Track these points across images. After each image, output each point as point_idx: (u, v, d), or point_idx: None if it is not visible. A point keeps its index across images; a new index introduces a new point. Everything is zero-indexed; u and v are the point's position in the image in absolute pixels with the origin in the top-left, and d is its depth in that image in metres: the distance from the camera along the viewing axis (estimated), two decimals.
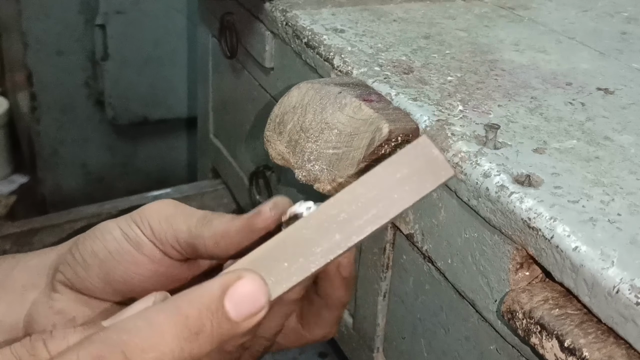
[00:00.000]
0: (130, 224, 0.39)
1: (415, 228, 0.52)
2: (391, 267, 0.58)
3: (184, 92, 1.38)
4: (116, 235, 0.39)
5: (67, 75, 1.31)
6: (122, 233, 0.39)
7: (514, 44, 0.67)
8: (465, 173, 0.46)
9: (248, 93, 0.83)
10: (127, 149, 1.42)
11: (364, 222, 0.32)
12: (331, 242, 0.31)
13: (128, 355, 0.27)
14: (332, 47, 0.62)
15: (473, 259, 0.47)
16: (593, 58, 0.65)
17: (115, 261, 0.39)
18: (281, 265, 0.31)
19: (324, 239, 0.31)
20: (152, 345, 0.27)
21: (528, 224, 0.41)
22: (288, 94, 0.51)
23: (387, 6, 0.74)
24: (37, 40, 1.27)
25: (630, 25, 0.75)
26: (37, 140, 1.35)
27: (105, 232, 0.40)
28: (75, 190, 1.41)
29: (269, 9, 0.72)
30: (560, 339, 0.37)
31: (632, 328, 0.35)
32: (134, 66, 1.32)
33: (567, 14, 0.77)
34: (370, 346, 0.62)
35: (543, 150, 0.47)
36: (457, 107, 0.52)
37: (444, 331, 0.52)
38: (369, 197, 0.32)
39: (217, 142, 0.98)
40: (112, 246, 0.39)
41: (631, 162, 0.47)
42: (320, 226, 0.31)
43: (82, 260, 0.40)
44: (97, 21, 1.27)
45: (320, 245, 0.31)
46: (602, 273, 0.37)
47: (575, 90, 0.58)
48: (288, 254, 0.31)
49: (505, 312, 0.42)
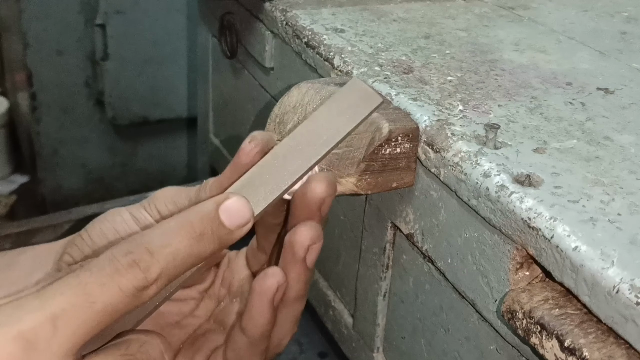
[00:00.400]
0: (139, 208, 0.42)
1: (415, 228, 0.52)
2: (391, 267, 0.58)
3: (184, 92, 1.38)
4: (125, 218, 0.42)
5: (67, 75, 1.31)
6: (131, 216, 0.42)
7: (514, 43, 0.67)
8: (465, 173, 0.46)
9: (248, 93, 0.83)
10: (127, 149, 1.42)
11: (318, 147, 0.40)
12: (294, 165, 0.40)
13: (150, 250, 0.33)
14: (332, 47, 0.62)
15: (473, 258, 0.47)
16: (593, 58, 0.65)
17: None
18: (258, 189, 0.39)
19: (288, 164, 0.40)
20: (168, 242, 0.34)
21: (528, 224, 0.41)
22: (288, 94, 0.51)
23: (387, 6, 0.74)
24: (37, 40, 1.26)
25: (630, 25, 0.75)
26: (37, 140, 1.35)
27: (115, 215, 0.42)
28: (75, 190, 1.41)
29: (269, 9, 0.72)
30: (560, 338, 0.37)
31: (632, 328, 0.35)
32: (134, 66, 1.32)
33: (567, 14, 0.77)
34: (370, 346, 0.62)
35: (543, 150, 0.47)
36: (457, 107, 0.52)
37: (444, 331, 0.52)
38: (318, 128, 0.41)
39: (217, 142, 0.98)
40: (121, 227, 0.41)
41: (631, 162, 0.47)
42: (284, 155, 0.40)
43: (90, 240, 0.41)
44: (97, 21, 1.27)
45: (286, 169, 0.39)
46: (602, 273, 0.37)
47: (575, 90, 0.58)
48: (262, 180, 0.39)
49: (505, 312, 0.42)
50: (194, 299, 0.47)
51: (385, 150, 0.48)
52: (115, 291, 0.32)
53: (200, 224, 0.35)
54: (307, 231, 0.40)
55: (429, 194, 0.50)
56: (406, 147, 0.49)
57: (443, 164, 0.48)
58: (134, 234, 0.41)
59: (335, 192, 0.42)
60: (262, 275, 0.40)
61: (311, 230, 0.40)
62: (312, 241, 0.40)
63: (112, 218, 0.42)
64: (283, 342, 0.44)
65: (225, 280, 0.47)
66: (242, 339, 0.41)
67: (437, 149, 0.48)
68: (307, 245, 0.40)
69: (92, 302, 0.31)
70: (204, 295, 0.47)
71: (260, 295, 0.40)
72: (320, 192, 0.40)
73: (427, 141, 0.49)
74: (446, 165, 0.47)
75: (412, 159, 0.50)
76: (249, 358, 0.42)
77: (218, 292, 0.47)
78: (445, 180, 0.48)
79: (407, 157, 0.49)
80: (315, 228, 0.40)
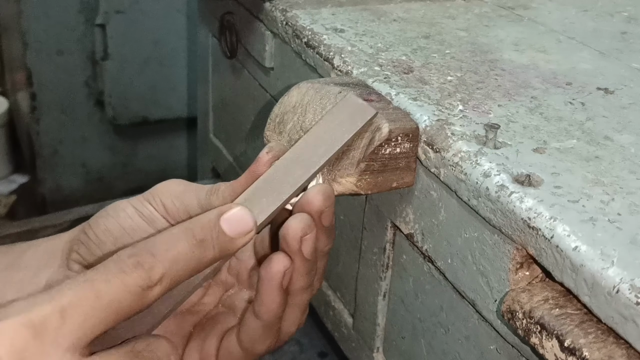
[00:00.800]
0: (143, 202, 0.43)
1: (415, 228, 0.52)
2: (391, 267, 0.58)
3: (184, 92, 1.38)
4: (130, 213, 0.42)
5: (67, 75, 1.31)
6: (136, 210, 0.42)
7: (514, 43, 0.67)
8: (465, 173, 0.46)
9: (248, 93, 0.83)
10: (127, 148, 1.42)
11: (316, 158, 0.42)
12: (295, 176, 0.41)
13: (154, 254, 0.35)
14: (332, 46, 0.62)
15: (473, 258, 0.47)
16: (593, 58, 0.65)
17: (129, 237, 0.42)
18: (261, 200, 0.41)
19: (289, 176, 0.41)
20: (171, 247, 0.36)
21: (528, 224, 0.41)
22: (288, 94, 0.51)
23: (387, 6, 0.74)
24: (37, 40, 1.27)
25: (630, 25, 0.75)
26: (37, 140, 1.35)
27: (118, 210, 0.42)
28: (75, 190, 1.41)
29: (269, 9, 0.72)
30: (560, 338, 0.37)
31: (632, 328, 0.35)
32: (134, 66, 1.32)
33: (567, 14, 0.77)
34: (370, 346, 0.62)
35: (543, 150, 0.47)
36: (457, 107, 0.52)
37: (444, 331, 0.52)
38: (317, 141, 0.43)
39: (217, 142, 0.98)
40: (126, 223, 0.42)
41: (631, 162, 0.47)
42: (285, 168, 0.42)
43: (96, 238, 0.42)
44: (97, 21, 1.27)
45: (287, 181, 0.41)
46: (602, 273, 0.37)
47: (575, 90, 0.58)
48: (265, 192, 0.41)
49: (505, 312, 0.42)
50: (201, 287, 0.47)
51: (385, 150, 0.48)
52: (121, 288, 0.33)
53: (201, 231, 0.37)
54: (296, 223, 0.41)
55: (429, 193, 0.50)
56: (406, 147, 0.49)
57: (443, 163, 0.48)
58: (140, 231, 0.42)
59: (333, 204, 0.42)
60: (267, 262, 0.41)
61: (301, 222, 0.41)
62: (304, 232, 0.41)
63: (116, 214, 0.42)
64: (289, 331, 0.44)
65: (233, 269, 0.47)
66: (256, 322, 0.42)
67: (437, 149, 0.48)
68: (300, 237, 0.41)
69: (99, 297, 0.33)
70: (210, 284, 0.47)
71: (269, 281, 0.41)
72: (317, 205, 0.41)
73: (427, 141, 0.49)
74: (446, 165, 0.47)
75: (412, 159, 0.50)
76: (262, 340, 0.43)
77: (225, 279, 0.47)
78: (445, 180, 0.48)
79: (407, 157, 0.49)
80: (304, 219, 0.41)
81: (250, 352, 0.43)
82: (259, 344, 0.43)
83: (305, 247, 0.41)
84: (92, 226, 0.42)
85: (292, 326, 0.44)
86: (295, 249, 0.41)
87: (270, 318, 0.42)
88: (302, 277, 0.42)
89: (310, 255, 0.42)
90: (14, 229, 0.93)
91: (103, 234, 0.42)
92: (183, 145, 1.46)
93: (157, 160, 1.45)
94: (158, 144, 1.44)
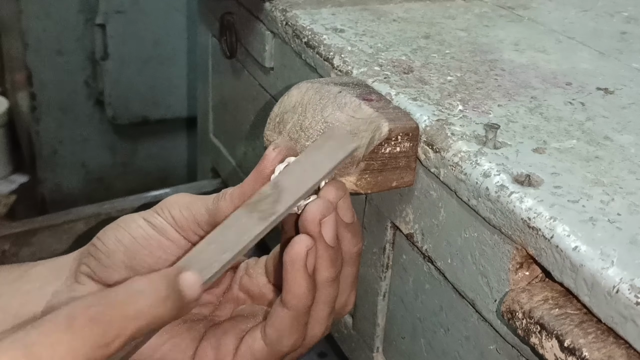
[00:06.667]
0: (153, 214, 0.42)
1: (415, 228, 0.52)
2: (391, 267, 0.58)
3: (184, 92, 1.38)
4: (141, 224, 0.42)
5: (67, 75, 1.31)
6: (146, 222, 0.42)
7: (514, 43, 0.67)
8: (465, 173, 0.46)
9: (248, 93, 0.83)
10: (127, 148, 1.42)
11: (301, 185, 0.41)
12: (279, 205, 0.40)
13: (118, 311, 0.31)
14: (332, 46, 0.62)
15: (473, 258, 0.47)
16: (593, 58, 0.65)
17: (140, 246, 0.42)
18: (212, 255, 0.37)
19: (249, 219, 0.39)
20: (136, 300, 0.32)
21: (528, 224, 0.41)
22: (288, 94, 0.51)
23: (387, 6, 0.74)
24: (37, 40, 1.27)
25: (630, 25, 0.75)
26: (37, 140, 1.35)
27: (128, 222, 0.42)
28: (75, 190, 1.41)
29: (269, 9, 0.72)
30: (560, 338, 0.37)
31: (632, 328, 0.35)
32: (134, 66, 1.32)
33: (567, 14, 0.77)
34: (370, 346, 0.62)
35: (543, 150, 0.47)
36: (457, 107, 0.52)
37: (443, 331, 0.52)
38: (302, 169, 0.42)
39: (217, 142, 0.98)
40: (136, 233, 0.42)
41: (631, 162, 0.47)
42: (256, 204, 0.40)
43: (106, 248, 0.42)
44: (97, 21, 1.27)
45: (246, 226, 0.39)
46: (602, 273, 0.37)
47: (575, 90, 0.58)
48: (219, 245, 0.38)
49: (505, 312, 0.42)
50: (212, 303, 0.47)
51: (385, 150, 0.48)
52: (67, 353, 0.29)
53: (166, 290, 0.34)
54: (314, 206, 0.40)
55: (429, 193, 0.50)
56: (406, 146, 0.49)
57: (443, 163, 0.48)
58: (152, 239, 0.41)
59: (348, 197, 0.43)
60: (290, 245, 0.40)
61: (319, 205, 0.40)
62: (322, 214, 0.40)
63: (126, 225, 0.42)
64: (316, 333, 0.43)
65: (244, 286, 0.47)
66: (284, 312, 0.41)
67: (437, 149, 0.48)
68: (318, 219, 0.40)
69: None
70: (221, 300, 0.47)
71: (293, 263, 0.40)
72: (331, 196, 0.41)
73: (427, 141, 0.49)
74: (446, 165, 0.47)
75: (412, 158, 0.50)
76: (289, 334, 0.41)
77: (237, 296, 0.47)
78: (445, 180, 0.48)
79: (406, 156, 0.49)
80: (322, 202, 0.41)
81: (276, 347, 0.42)
82: (285, 338, 0.41)
83: (325, 231, 0.40)
84: (101, 238, 0.42)
85: (319, 327, 0.43)
86: (315, 231, 0.40)
87: (298, 305, 0.40)
88: (326, 265, 0.41)
89: (332, 241, 0.41)
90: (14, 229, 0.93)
91: (113, 244, 0.41)
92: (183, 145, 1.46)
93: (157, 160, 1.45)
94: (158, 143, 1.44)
